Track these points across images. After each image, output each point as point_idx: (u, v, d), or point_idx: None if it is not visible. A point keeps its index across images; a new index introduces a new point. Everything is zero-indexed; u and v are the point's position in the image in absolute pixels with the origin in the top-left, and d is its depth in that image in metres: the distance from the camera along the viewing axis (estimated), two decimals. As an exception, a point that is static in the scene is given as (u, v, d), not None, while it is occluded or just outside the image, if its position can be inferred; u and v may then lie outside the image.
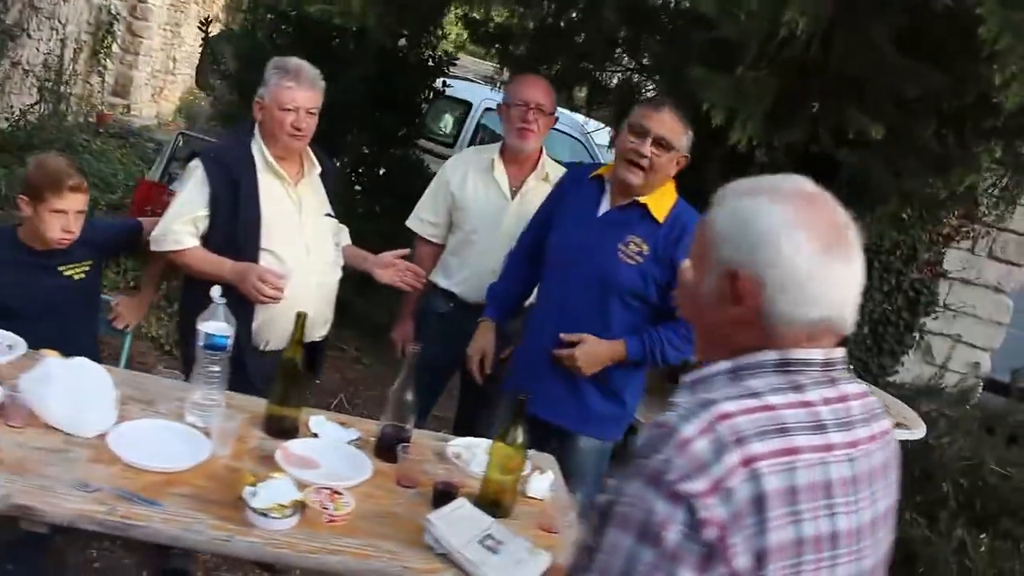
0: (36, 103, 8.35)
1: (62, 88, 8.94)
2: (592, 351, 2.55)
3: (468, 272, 3.03)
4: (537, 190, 2.99)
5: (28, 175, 2.50)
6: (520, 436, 2.11)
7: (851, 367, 3.67)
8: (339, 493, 1.98)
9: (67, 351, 2.31)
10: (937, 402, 5.27)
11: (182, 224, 2.57)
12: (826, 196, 1.16)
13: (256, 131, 2.65)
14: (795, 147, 3.79)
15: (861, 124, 3.06)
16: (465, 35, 5.85)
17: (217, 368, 2.16)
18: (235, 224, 2.56)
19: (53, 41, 8.79)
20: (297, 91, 2.56)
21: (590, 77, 5.03)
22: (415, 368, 2.25)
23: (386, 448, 2.24)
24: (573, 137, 8.78)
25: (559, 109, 3.05)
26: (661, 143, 2.48)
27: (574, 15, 4.08)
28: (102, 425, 2.00)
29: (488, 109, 9.64)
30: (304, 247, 2.65)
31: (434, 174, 3.17)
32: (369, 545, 1.86)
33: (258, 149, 2.63)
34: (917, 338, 5.66)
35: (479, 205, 3.02)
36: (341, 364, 5.21)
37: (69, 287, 2.63)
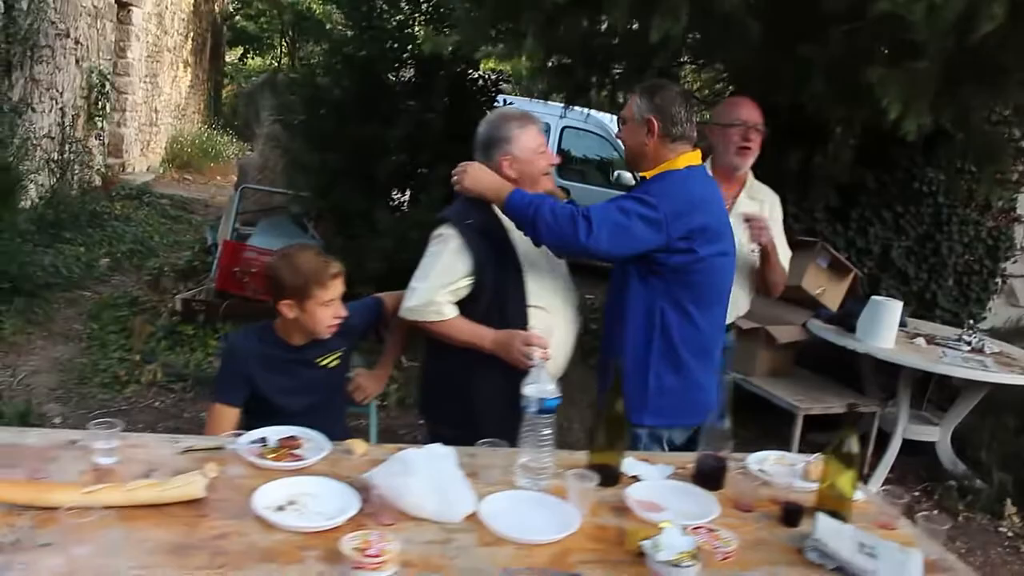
0: (58, 178, 8.19)
1: (66, 157, 8.80)
2: (479, 170, 2.56)
3: None
4: (748, 205, 3.17)
5: (281, 279, 2.44)
6: (854, 446, 2.17)
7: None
8: (715, 530, 2.02)
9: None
10: (1027, 341, 5.44)
11: (443, 295, 2.54)
12: None
13: None
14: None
15: (1019, 99, 3.18)
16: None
17: (548, 431, 2.17)
18: (503, 286, 2.55)
19: (54, 112, 8.63)
20: (536, 130, 2.61)
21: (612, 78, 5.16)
22: (732, 396, 2.29)
23: (707, 476, 2.28)
24: (597, 135, 8.93)
25: (587, 110, 3.07)
26: (621, 121, 2.71)
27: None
28: (468, 507, 2.00)
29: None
30: (561, 295, 2.66)
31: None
32: (772, 573, 1.91)
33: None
34: (1000, 283, 5.82)
35: None
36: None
37: (324, 377, 2.63)
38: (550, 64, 5.24)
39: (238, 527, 1.84)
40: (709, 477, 2.28)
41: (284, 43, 17.83)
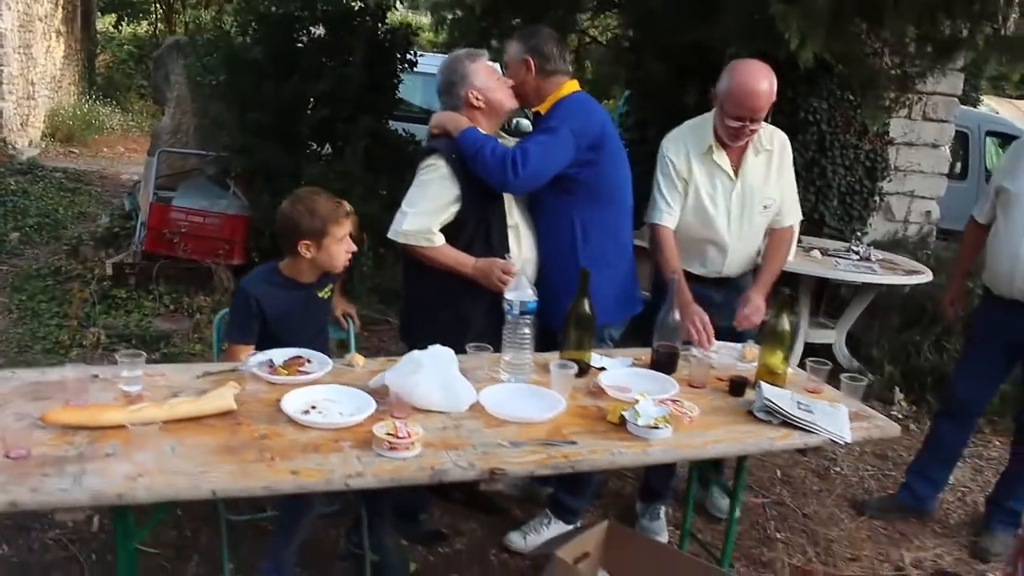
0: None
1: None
2: (444, 113, 2.90)
3: (707, 252, 3.17)
4: (756, 163, 3.06)
5: (298, 221, 2.60)
6: (785, 324, 2.56)
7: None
8: (679, 401, 2.38)
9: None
10: (904, 251, 6.09)
11: (435, 222, 2.77)
12: None
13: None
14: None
15: (898, 27, 3.61)
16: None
17: (527, 330, 2.48)
18: (486, 210, 2.81)
19: (-69, 86, 8.24)
20: (487, 61, 2.89)
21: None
22: (676, 295, 2.65)
23: (664, 363, 2.65)
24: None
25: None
26: (504, 65, 3.00)
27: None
28: (471, 398, 2.29)
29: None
30: (527, 212, 2.96)
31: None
32: (731, 430, 2.30)
33: None
34: (878, 201, 6.44)
35: (712, 192, 3.08)
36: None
37: (323, 306, 2.85)
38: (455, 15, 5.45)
39: (275, 429, 2.08)
40: (665, 363, 2.65)
41: (160, 8, 17.19)
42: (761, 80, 2.88)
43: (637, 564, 2.70)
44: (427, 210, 2.77)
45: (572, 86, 3.00)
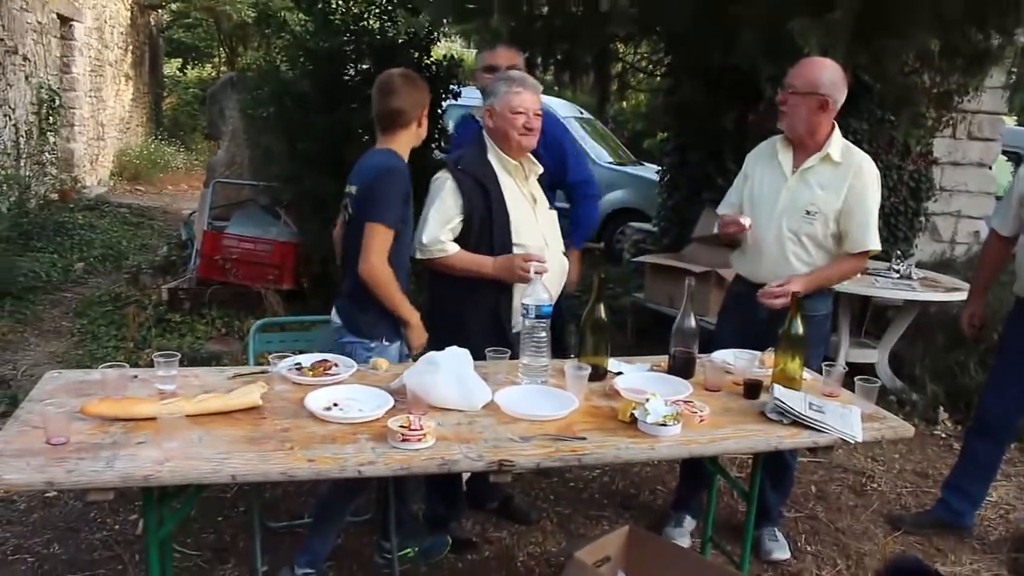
0: (20, 192, 8.31)
1: (24, 171, 8.92)
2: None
3: (748, 250, 3.17)
4: (818, 170, 3.00)
5: (421, 95, 2.83)
6: (800, 328, 2.59)
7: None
8: (691, 402, 2.43)
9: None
10: (952, 272, 6.00)
11: (444, 233, 2.88)
12: None
13: (487, 139, 2.99)
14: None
15: (922, 40, 3.63)
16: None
17: (544, 334, 2.55)
18: (490, 225, 2.89)
19: (8, 128, 8.73)
20: (525, 95, 2.92)
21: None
22: (692, 301, 2.70)
23: (680, 368, 2.69)
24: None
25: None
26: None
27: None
28: (486, 397, 2.37)
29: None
30: (542, 238, 3.01)
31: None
32: (738, 428, 2.34)
33: (495, 156, 2.97)
34: (924, 222, 6.37)
35: (761, 186, 3.13)
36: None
37: None
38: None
39: (297, 423, 2.19)
40: (682, 368, 2.69)
41: (223, 52, 17.92)
42: (817, 59, 3.08)
43: (658, 568, 2.73)
44: (436, 221, 2.89)
45: None
